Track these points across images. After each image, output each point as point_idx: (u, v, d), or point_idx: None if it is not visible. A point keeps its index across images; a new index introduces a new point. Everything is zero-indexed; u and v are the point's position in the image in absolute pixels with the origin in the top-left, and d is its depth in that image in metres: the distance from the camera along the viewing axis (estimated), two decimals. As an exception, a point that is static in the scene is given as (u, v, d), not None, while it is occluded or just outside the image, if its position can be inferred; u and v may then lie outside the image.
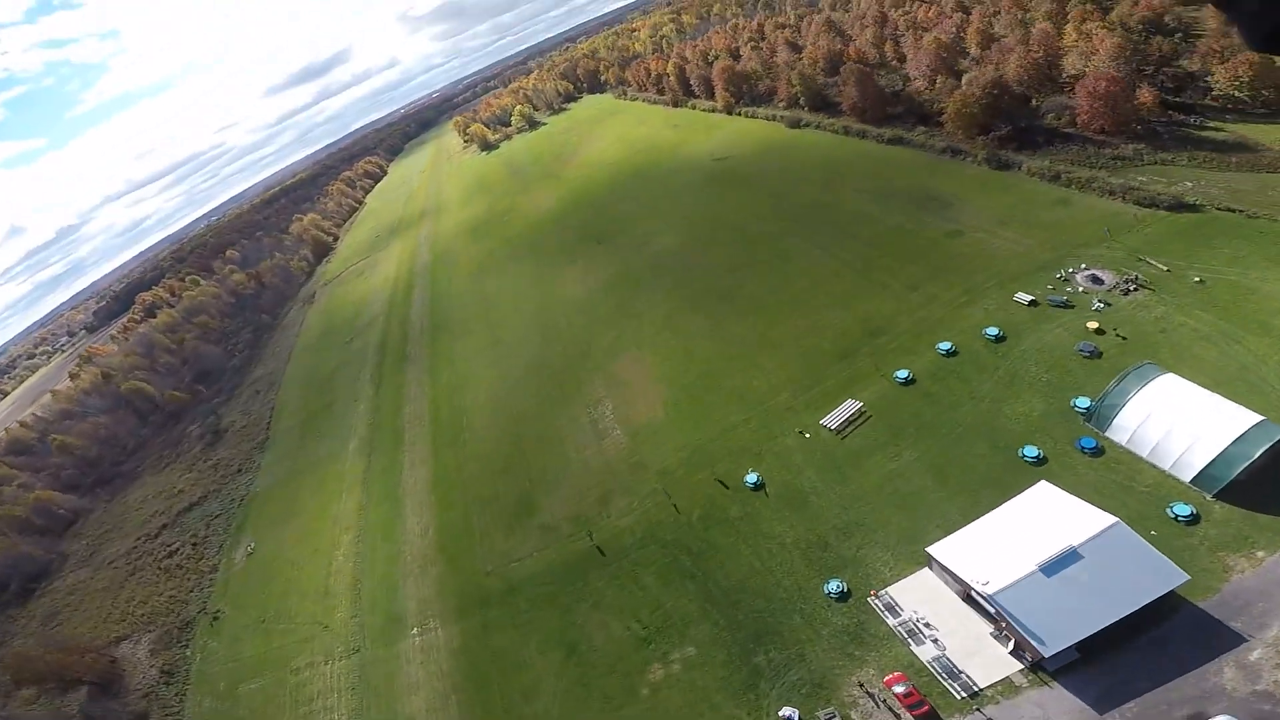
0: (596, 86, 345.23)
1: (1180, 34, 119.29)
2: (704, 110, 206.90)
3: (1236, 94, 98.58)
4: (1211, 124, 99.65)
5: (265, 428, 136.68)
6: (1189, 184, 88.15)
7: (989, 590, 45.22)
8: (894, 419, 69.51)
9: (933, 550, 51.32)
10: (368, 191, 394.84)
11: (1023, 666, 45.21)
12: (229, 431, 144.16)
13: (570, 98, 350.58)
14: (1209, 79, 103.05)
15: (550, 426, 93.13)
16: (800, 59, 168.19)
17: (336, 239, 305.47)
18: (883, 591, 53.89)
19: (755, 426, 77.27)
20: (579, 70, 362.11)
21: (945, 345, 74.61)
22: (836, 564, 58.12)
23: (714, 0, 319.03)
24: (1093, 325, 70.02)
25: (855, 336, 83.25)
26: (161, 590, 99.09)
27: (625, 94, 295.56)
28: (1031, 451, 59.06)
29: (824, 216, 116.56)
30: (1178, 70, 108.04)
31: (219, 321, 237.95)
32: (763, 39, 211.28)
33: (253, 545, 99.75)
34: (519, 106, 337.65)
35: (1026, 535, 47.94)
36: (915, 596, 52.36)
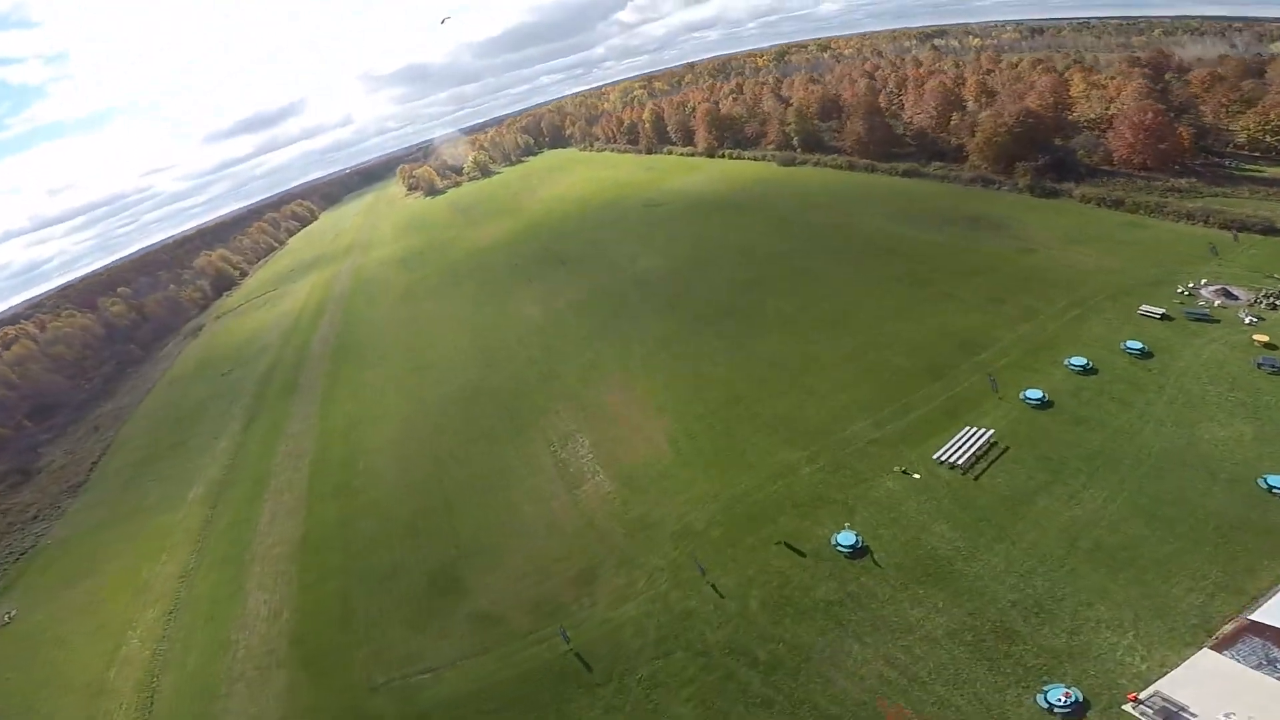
0: (560, 141, 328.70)
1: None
2: (682, 155, 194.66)
3: (1269, 138, 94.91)
4: (1249, 167, 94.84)
5: (89, 469, 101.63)
6: (1266, 213, 79.13)
7: None
8: (1042, 450, 49.06)
9: (1261, 618, 30.55)
10: (293, 234, 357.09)
11: None
12: (42, 472, 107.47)
13: (529, 151, 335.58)
14: (1232, 128, 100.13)
15: (492, 470, 66.56)
16: (789, 107, 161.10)
17: (245, 274, 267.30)
18: (1148, 692, 31.33)
19: (825, 465, 54.40)
20: (542, 125, 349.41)
21: (1079, 361, 56.58)
22: (1043, 661, 34.77)
23: (685, 71, 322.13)
24: (1261, 339, 54.60)
25: (944, 351, 64.13)
26: None
27: (592, 145, 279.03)
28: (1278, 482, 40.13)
29: (845, 237, 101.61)
30: (1195, 119, 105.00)
31: (79, 353, 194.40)
32: (742, 93, 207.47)
33: (12, 613, 70.85)
34: (474, 154, 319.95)
35: None
36: (1207, 690, 30.44)
